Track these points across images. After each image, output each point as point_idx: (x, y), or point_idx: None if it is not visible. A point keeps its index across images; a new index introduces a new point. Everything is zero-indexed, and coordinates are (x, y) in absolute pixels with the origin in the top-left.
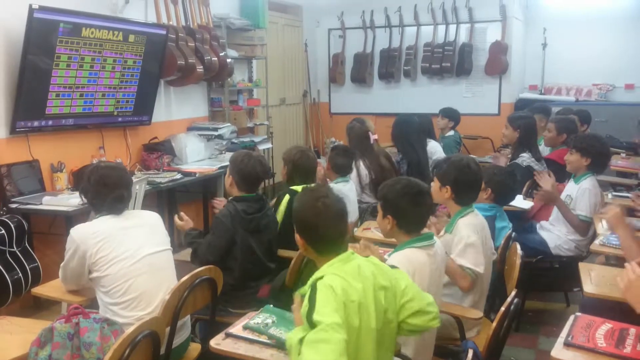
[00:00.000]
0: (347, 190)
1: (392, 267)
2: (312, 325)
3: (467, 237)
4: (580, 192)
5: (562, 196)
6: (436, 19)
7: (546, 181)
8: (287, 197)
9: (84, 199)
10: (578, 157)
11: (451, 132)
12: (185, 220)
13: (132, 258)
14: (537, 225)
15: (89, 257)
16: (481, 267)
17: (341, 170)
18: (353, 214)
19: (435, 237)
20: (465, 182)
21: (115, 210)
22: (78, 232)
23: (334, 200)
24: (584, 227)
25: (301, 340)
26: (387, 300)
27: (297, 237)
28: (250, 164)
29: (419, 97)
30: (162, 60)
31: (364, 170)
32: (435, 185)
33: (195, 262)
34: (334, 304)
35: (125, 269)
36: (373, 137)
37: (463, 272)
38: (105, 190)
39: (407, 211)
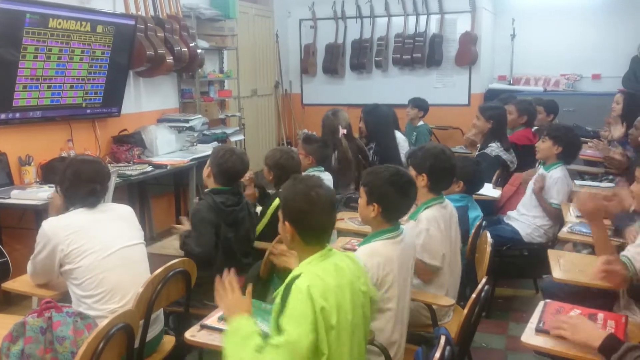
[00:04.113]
0: (325, 180)
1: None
2: (278, 328)
3: (425, 230)
4: (552, 181)
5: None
6: (407, 10)
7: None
8: (277, 201)
9: (59, 191)
10: (550, 144)
11: (422, 122)
12: (185, 224)
13: (105, 251)
14: (504, 217)
15: (61, 251)
16: (436, 261)
17: (325, 161)
18: None
19: (401, 225)
20: (441, 169)
21: (88, 204)
22: (50, 225)
23: (326, 190)
24: (557, 214)
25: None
26: (365, 298)
27: (286, 226)
28: (231, 160)
29: (391, 87)
30: (131, 51)
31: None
32: (411, 173)
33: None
34: (304, 313)
35: (97, 261)
36: (342, 131)
37: (423, 266)
38: (79, 184)
39: (393, 200)
